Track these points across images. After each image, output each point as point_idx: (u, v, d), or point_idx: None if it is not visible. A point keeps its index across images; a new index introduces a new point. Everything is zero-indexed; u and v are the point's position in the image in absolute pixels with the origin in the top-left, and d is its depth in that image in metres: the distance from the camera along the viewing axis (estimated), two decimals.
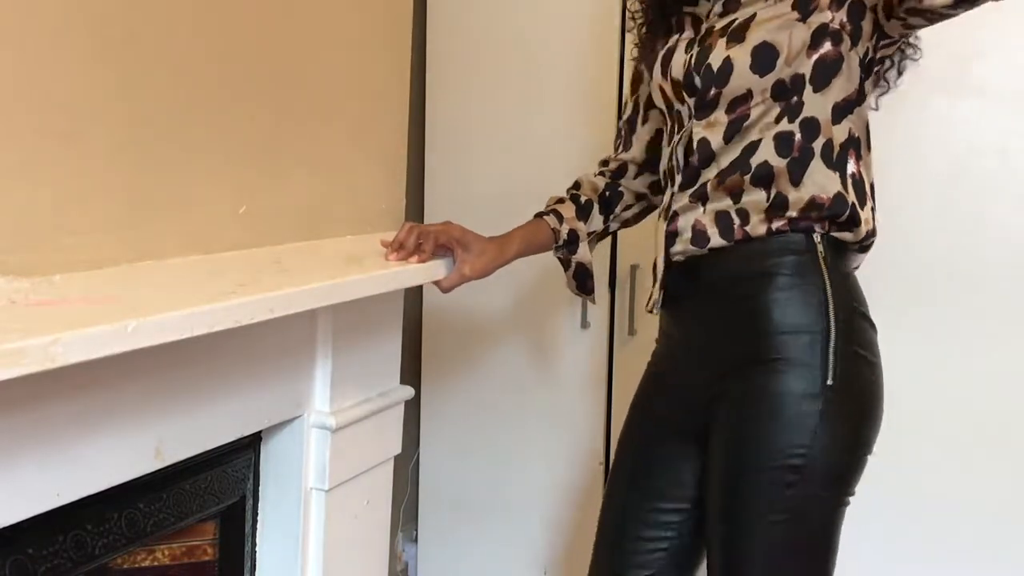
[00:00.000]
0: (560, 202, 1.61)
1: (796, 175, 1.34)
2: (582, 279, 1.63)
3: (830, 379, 1.31)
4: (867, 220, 1.39)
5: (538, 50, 2.28)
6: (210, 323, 1.07)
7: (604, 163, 1.66)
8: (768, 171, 1.35)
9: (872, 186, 1.42)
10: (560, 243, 1.58)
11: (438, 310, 2.41)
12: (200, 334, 1.05)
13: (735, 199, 1.36)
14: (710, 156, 1.38)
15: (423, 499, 2.48)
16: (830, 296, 1.33)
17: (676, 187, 1.42)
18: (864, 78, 1.38)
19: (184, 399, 1.31)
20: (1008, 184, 1.92)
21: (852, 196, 1.36)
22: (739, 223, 1.36)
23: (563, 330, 2.30)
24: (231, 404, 1.41)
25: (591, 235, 1.62)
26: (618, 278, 2.24)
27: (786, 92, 1.34)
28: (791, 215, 1.35)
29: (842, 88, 1.35)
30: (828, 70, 1.34)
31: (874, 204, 1.42)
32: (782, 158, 1.34)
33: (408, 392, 1.82)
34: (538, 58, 2.28)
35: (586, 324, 2.26)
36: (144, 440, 1.25)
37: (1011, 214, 1.92)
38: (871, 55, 1.38)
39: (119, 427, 1.20)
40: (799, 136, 1.34)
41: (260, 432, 1.55)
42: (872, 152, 1.43)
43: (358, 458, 1.68)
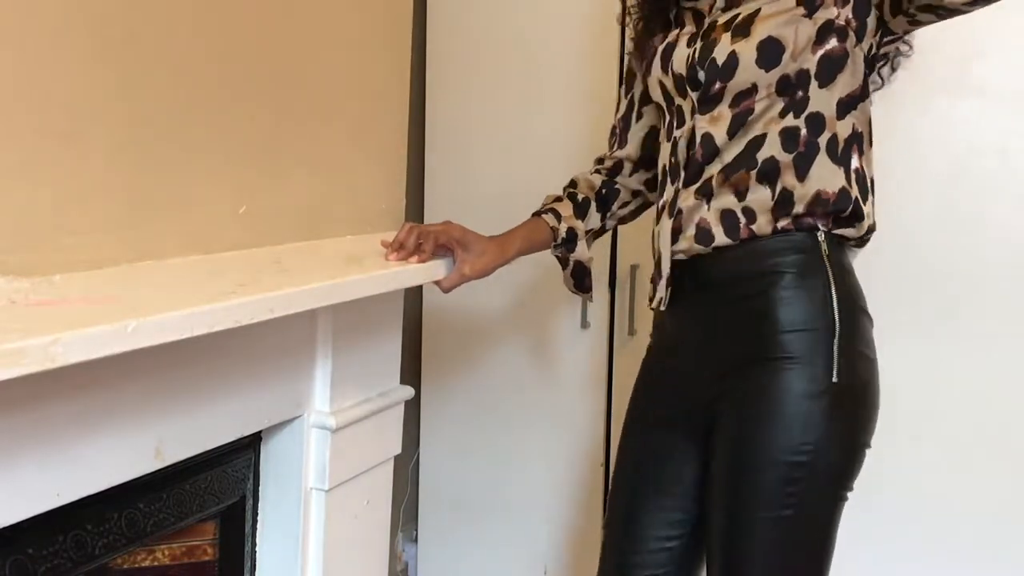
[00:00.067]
0: (557, 200, 1.61)
1: (802, 170, 1.35)
2: (580, 277, 1.63)
3: (835, 377, 1.32)
4: (868, 215, 1.40)
5: (538, 50, 2.28)
6: (210, 323, 1.07)
7: (599, 161, 1.66)
8: (774, 166, 1.35)
9: (872, 180, 1.43)
10: (558, 241, 1.58)
11: (438, 310, 2.41)
12: (200, 334, 1.05)
13: (740, 197, 1.37)
14: (714, 151, 1.39)
15: (423, 499, 2.48)
16: (834, 294, 1.34)
17: (681, 183, 1.42)
18: (867, 73, 1.39)
19: (184, 399, 1.31)
20: (1008, 184, 1.92)
21: (855, 191, 1.37)
22: (745, 222, 1.36)
23: (563, 330, 2.29)
24: (231, 404, 1.41)
25: (589, 233, 1.62)
26: (618, 278, 2.24)
27: (790, 87, 1.35)
28: (797, 212, 1.35)
29: (847, 84, 1.36)
30: (833, 66, 1.35)
31: (873, 199, 1.43)
32: (788, 153, 1.35)
33: (408, 392, 1.82)
34: (538, 58, 2.28)
35: (586, 324, 2.26)
36: (144, 440, 1.25)
37: (1011, 214, 1.92)
38: (874, 51, 1.39)
39: (119, 427, 1.20)
40: (805, 131, 1.35)
41: (260, 432, 1.55)
42: (873, 147, 1.44)
43: (358, 458, 1.68)
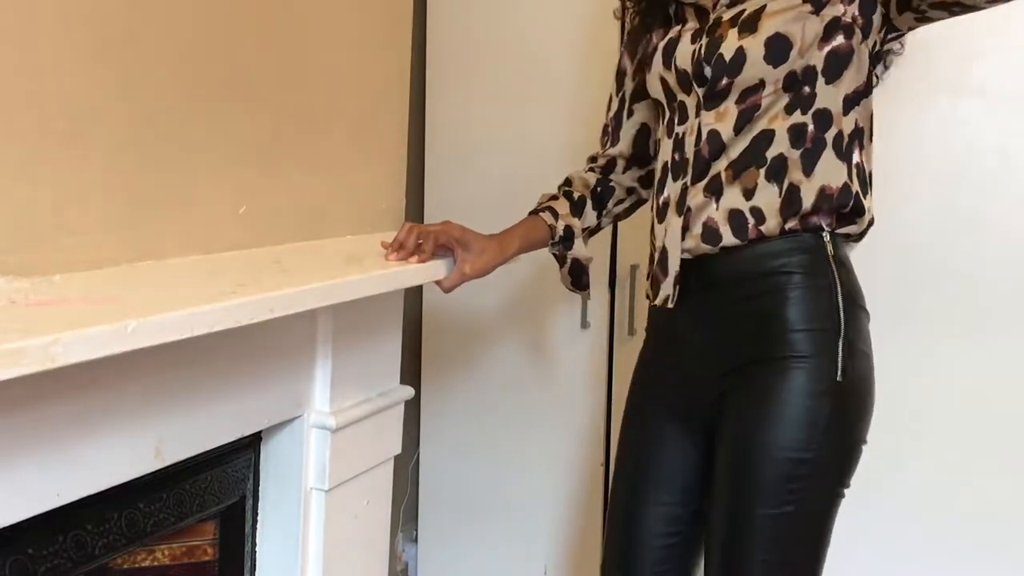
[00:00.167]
0: (553, 199, 1.61)
1: (808, 165, 1.36)
2: (577, 275, 1.64)
3: (839, 375, 1.33)
4: (868, 209, 1.41)
5: (538, 50, 2.28)
6: (210, 323, 1.07)
7: (593, 159, 1.66)
8: (782, 162, 1.36)
9: (871, 175, 1.44)
10: (556, 239, 1.59)
11: (438, 310, 2.41)
12: (200, 334, 1.05)
13: (748, 195, 1.37)
14: (720, 147, 1.39)
15: (423, 499, 2.48)
16: (839, 293, 1.36)
17: (689, 179, 1.42)
18: (871, 70, 1.40)
19: (184, 399, 1.31)
20: (1008, 184, 1.92)
21: (856, 186, 1.39)
22: (754, 223, 1.37)
23: (563, 330, 2.29)
24: (231, 404, 1.41)
25: (585, 231, 1.62)
26: (618, 277, 2.24)
27: (796, 83, 1.35)
28: (804, 212, 1.36)
29: (852, 80, 1.37)
30: (840, 62, 1.36)
31: (872, 192, 1.44)
32: (795, 149, 1.36)
33: (408, 392, 1.82)
34: (538, 58, 2.28)
35: (586, 324, 2.26)
36: (144, 440, 1.25)
37: (1011, 214, 1.92)
38: (878, 48, 1.41)
39: (119, 427, 1.20)
40: (812, 127, 1.36)
41: (260, 432, 1.55)
42: (872, 141, 1.45)
43: (358, 458, 1.68)
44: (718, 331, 1.41)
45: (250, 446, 1.56)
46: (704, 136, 1.40)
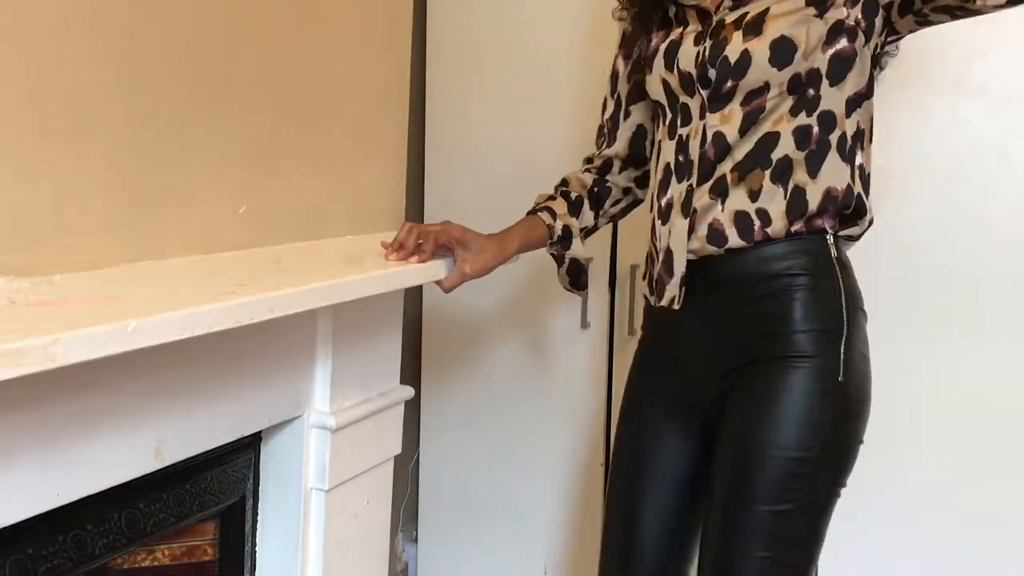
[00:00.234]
0: (551, 199, 1.61)
1: (813, 167, 1.37)
2: (575, 275, 1.64)
3: (840, 375, 1.35)
4: (869, 209, 1.42)
5: (538, 50, 2.28)
6: (210, 323, 1.07)
7: (589, 160, 1.67)
8: (787, 165, 1.37)
9: (870, 175, 1.45)
10: (554, 239, 1.59)
11: (438, 310, 2.41)
12: (200, 334, 1.05)
13: (753, 197, 1.38)
14: (725, 149, 1.39)
15: (423, 499, 2.48)
16: (843, 295, 1.37)
17: (694, 181, 1.42)
18: (872, 72, 1.41)
19: (184, 399, 1.31)
20: (1008, 184, 1.92)
21: (859, 187, 1.40)
22: (760, 225, 1.37)
23: (563, 330, 2.29)
24: (231, 404, 1.41)
25: (583, 231, 1.63)
26: (618, 277, 2.24)
27: (800, 86, 1.36)
28: (810, 213, 1.37)
29: (855, 82, 1.38)
30: (843, 65, 1.36)
31: (871, 192, 1.44)
32: (800, 151, 1.37)
33: (408, 392, 1.82)
34: (538, 58, 2.28)
35: (586, 324, 2.26)
36: (144, 440, 1.25)
37: (1011, 214, 1.92)
38: (879, 50, 1.41)
39: (119, 427, 1.20)
40: (816, 129, 1.37)
41: (260, 432, 1.55)
42: (872, 142, 1.46)
43: (358, 458, 1.68)
44: (723, 332, 1.42)
45: (250, 446, 1.56)
46: (709, 138, 1.40)
